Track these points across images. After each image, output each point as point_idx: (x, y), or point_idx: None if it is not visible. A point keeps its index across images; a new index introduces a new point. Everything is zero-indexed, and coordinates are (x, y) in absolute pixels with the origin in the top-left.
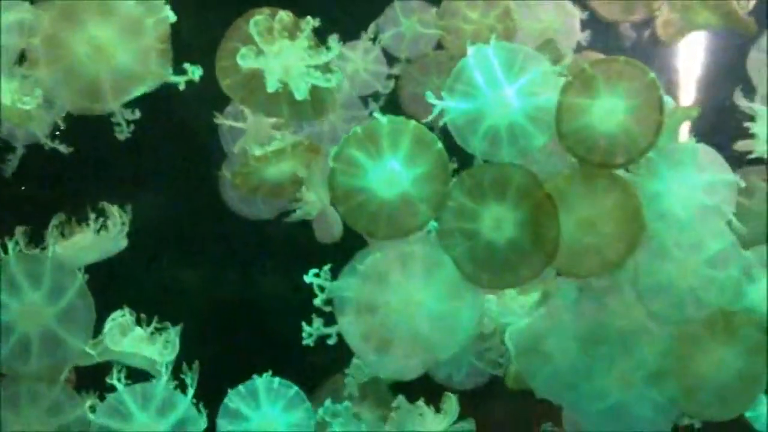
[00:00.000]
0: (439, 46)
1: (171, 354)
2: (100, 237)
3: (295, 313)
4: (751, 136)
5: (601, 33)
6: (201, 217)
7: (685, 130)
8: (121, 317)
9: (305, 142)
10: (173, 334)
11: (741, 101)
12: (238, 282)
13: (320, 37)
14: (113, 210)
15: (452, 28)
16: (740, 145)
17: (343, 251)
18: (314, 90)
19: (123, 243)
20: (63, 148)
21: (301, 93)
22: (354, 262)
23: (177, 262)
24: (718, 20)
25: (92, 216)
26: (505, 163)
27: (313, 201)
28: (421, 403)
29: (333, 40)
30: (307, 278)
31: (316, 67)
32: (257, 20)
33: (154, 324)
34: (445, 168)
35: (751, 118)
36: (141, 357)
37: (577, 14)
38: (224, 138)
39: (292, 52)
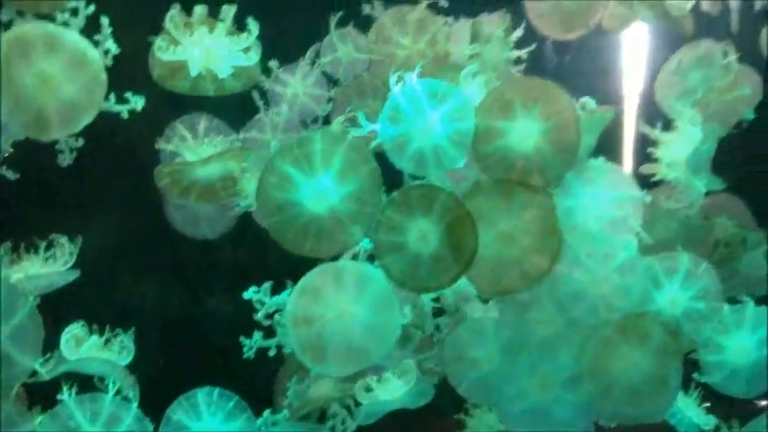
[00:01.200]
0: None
1: (127, 357)
2: (49, 266)
3: (239, 329)
4: (655, 160)
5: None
6: (148, 240)
7: None
8: (75, 329)
9: (236, 147)
10: (128, 338)
11: (644, 128)
12: (185, 301)
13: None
14: (62, 241)
15: (386, 53)
16: (644, 168)
17: (285, 269)
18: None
19: (74, 274)
20: (10, 174)
21: (223, 73)
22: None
23: (126, 283)
24: (657, 19)
25: (41, 244)
26: (431, 183)
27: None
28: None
29: (252, 23)
30: (246, 295)
31: (237, 50)
32: (172, 15)
33: (107, 333)
34: (377, 187)
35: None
36: (99, 361)
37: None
38: (166, 162)
39: (211, 39)
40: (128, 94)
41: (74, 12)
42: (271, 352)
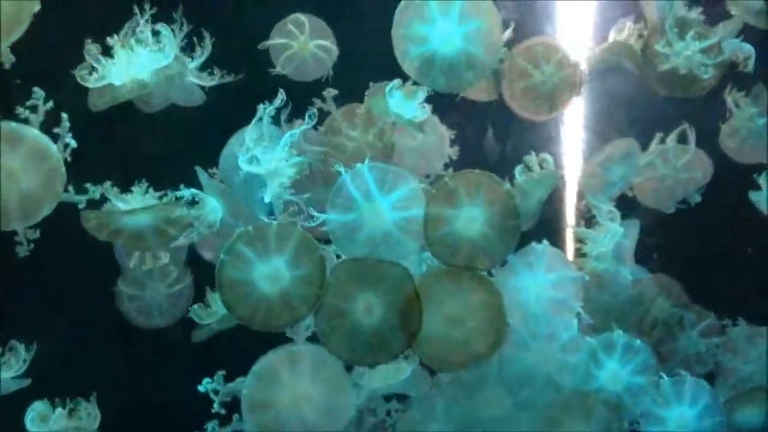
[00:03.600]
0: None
1: (95, 422)
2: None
3: (196, 418)
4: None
5: None
6: (101, 332)
7: None
8: (38, 407)
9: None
10: (92, 405)
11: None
12: (142, 391)
13: None
14: (18, 348)
15: (336, 145)
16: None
17: (241, 356)
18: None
19: (25, 383)
20: None
21: (146, 76)
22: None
23: (81, 373)
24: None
25: None
26: (386, 260)
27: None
28: None
29: (162, 28)
30: (201, 387)
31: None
32: (88, 48)
33: (68, 404)
34: (323, 272)
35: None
36: (69, 429)
37: (446, 134)
38: (118, 253)
39: (131, 56)
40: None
41: (33, 108)
42: None
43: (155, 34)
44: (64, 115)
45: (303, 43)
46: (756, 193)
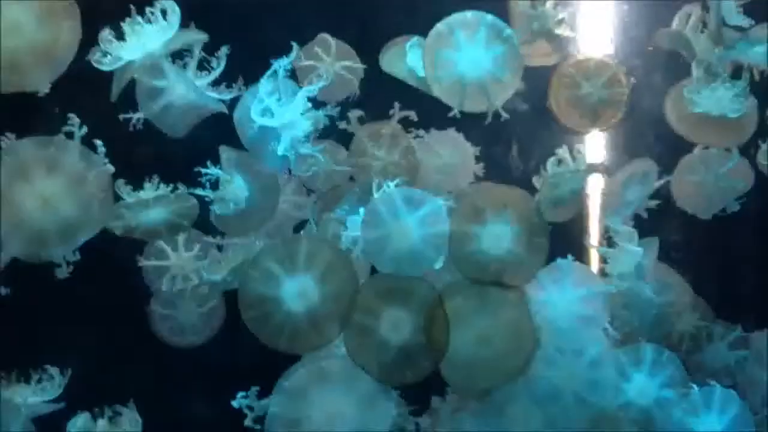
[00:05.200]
0: (352, 179)
1: (138, 426)
2: (37, 395)
3: None
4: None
5: None
6: (135, 352)
7: None
8: (80, 421)
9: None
10: (132, 411)
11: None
12: (176, 408)
13: None
14: (53, 372)
15: (362, 165)
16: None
17: (271, 372)
18: None
19: (60, 405)
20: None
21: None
22: (281, 380)
23: (115, 393)
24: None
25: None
26: (414, 276)
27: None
28: None
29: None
30: (235, 403)
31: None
32: (102, 35)
33: (107, 412)
34: (354, 290)
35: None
36: None
37: (471, 150)
38: (148, 276)
39: (140, 33)
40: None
41: (70, 135)
42: None
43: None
44: (99, 142)
45: (329, 64)
46: None
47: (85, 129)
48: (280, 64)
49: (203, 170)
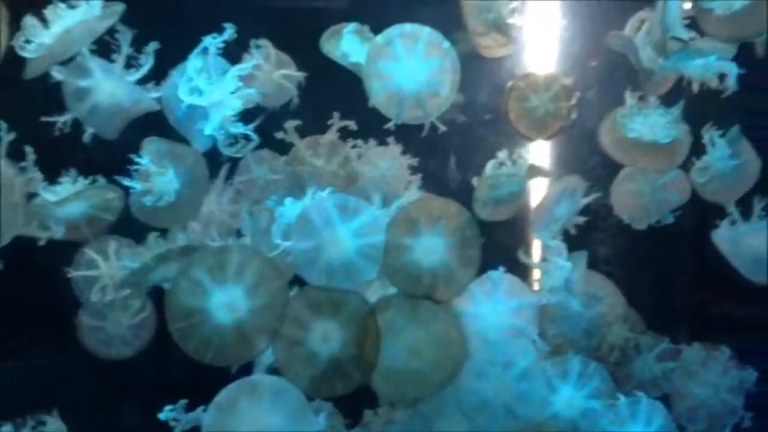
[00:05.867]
0: None
1: None
2: None
3: None
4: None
5: None
6: (63, 363)
7: None
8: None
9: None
10: (56, 420)
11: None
12: (105, 420)
13: None
14: None
15: (299, 174)
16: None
17: (202, 384)
18: None
19: None
20: None
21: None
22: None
23: (43, 403)
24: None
25: None
26: (345, 289)
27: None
28: None
29: None
30: (162, 416)
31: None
32: (25, 20)
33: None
34: (284, 303)
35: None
36: None
37: (406, 163)
38: (78, 287)
39: (62, 17)
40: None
41: None
42: None
43: None
44: (29, 149)
45: (269, 73)
46: (715, 232)
47: (12, 135)
48: (210, 41)
49: (138, 161)
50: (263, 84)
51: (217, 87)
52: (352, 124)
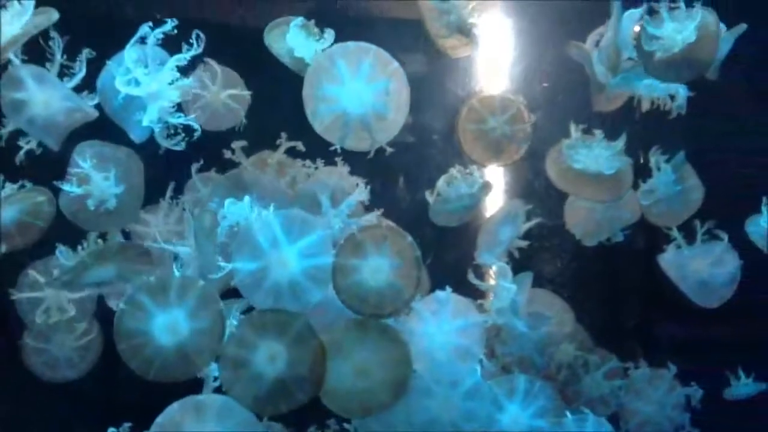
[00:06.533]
0: None
1: None
2: None
3: None
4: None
5: None
6: (6, 385)
7: None
8: None
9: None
10: None
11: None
12: None
13: None
14: None
15: None
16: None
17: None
18: None
19: None
20: None
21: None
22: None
23: None
24: None
25: None
26: (289, 310)
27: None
28: None
29: None
30: None
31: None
32: None
33: None
34: (222, 326)
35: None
36: None
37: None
38: (22, 308)
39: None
40: None
41: None
42: None
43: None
44: None
45: (215, 93)
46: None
47: None
48: (147, 30)
49: (77, 165)
50: (209, 105)
51: (155, 78)
52: (299, 145)
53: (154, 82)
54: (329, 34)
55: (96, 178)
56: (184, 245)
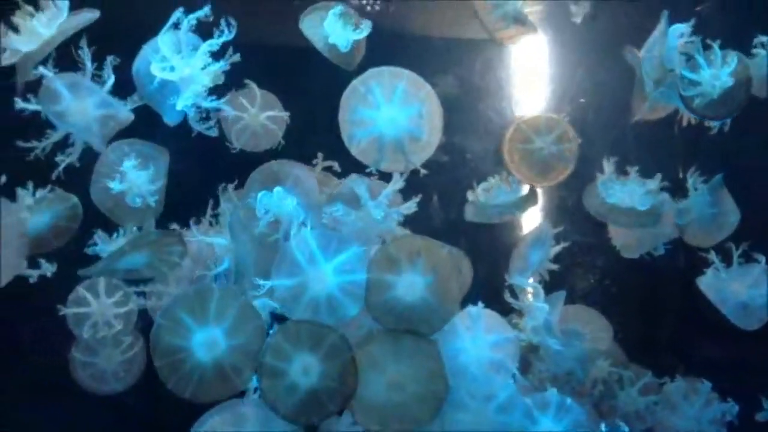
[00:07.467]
0: None
1: None
2: None
3: None
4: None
5: None
6: (56, 398)
7: None
8: None
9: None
10: None
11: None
12: None
13: None
14: None
15: None
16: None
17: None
18: None
19: None
20: None
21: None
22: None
23: None
24: None
25: None
26: (324, 323)
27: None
28: None
29: None
30: None
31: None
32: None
33: None
34: (262, 342)
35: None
36: None
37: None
38: (71, 322)
39: (32, 24)
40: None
41: None
42: None
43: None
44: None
45: (254, 115)
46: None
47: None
48: (180, 16)
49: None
50: (248, 127)
51: (188, 63)
52: (336, 165)
53: (188, 67)
54: (366, 25)
55: (135, 176)
56: (220, 237)
